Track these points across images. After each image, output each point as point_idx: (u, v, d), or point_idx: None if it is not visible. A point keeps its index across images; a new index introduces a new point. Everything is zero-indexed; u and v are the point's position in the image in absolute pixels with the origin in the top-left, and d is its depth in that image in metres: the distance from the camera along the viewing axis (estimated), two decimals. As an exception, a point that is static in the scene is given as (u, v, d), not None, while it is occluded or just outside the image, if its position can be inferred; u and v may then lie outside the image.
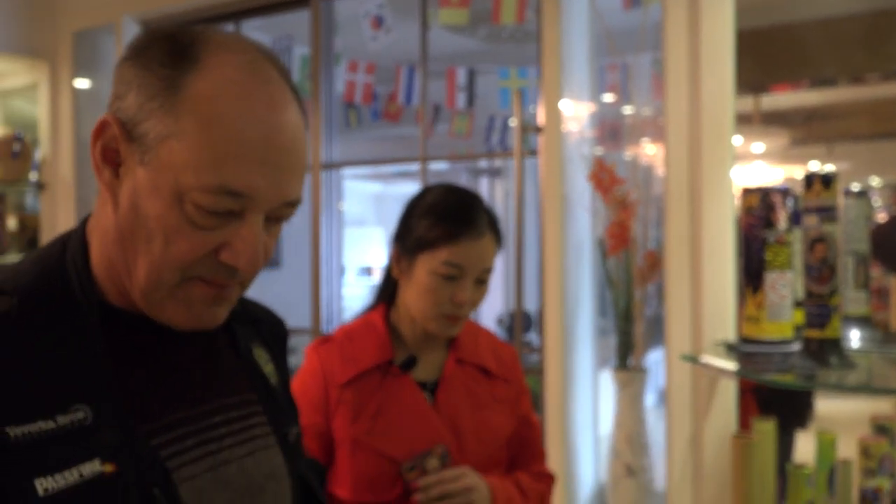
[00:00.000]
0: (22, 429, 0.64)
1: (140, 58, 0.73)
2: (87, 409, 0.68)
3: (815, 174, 1.54)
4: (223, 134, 0.69)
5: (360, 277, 8.95)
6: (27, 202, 3.85)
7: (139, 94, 0.71)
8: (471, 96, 3.37)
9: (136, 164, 0.71)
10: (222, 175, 0.69)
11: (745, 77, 2.41)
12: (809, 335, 1.54)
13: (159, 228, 0.70)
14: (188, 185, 0.69)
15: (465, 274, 1.36)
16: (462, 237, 1.35)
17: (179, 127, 0.69)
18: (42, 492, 0.63)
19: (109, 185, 0.73)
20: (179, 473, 0.74)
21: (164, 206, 0.70)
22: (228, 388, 0.84)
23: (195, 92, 0.70)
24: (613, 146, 2.66)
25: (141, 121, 0.71)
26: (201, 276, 0.73)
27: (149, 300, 0.74)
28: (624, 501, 2.40)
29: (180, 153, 0.69)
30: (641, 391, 2.44)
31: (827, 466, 1.79)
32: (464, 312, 1.39)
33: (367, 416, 1.36)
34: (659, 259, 2.39)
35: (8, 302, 0.70)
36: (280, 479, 0.85)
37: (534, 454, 1.54)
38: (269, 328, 0.97)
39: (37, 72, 3.57)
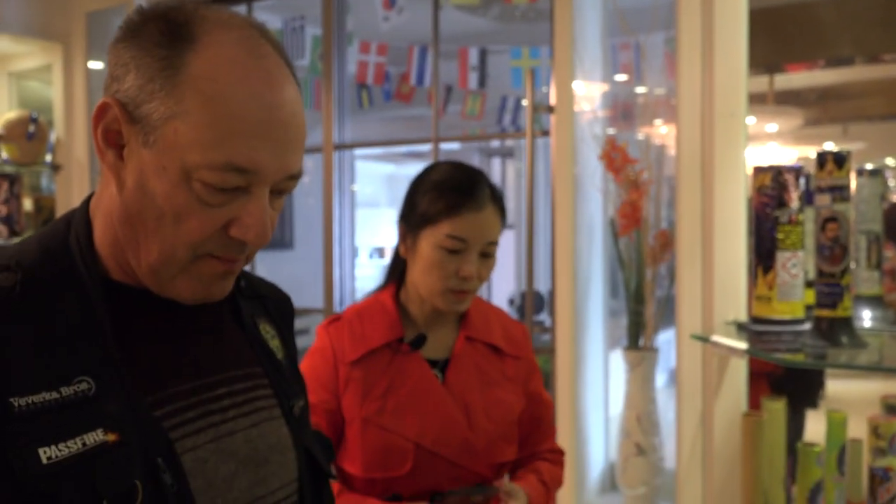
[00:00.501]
0: (26, 399, 0.65)
1: (135, 38, 0.73)
2: (91, 381, 0.69)
3: (828, 153, 1.54)
4: (226, 112, 0.70)
5: (372, 258, 8.98)
6: (43, 183, 3.88)
7: (138, 75, 0.71)
8: (483, 76, 3.36)
9: (140, 146, 0.72)
10: (228, 152, 0.70)
11: (760, 56, 2.39)
12: (820, 315, 1.54)
13: (169, 207, 0.71)
14: (195, 163, 0.70)
15: (468, 247, 1.36)
16: (463, 209, 1.35)
17: (182, 108, 0.70)
18: (45, 460, 0.64)
19: (113, 167, 0.74)
20: (182, 444, 0.75)
21: (171, 185, 0.71)
22: (233, 361, 0.85)
23: (195, 72, 0.70)
24: (626, 126, 2.65)
25: (142, 102, 0.71)
26: (212, 252, 0.74)
27: (159, 277, 0.75)
28: (634, 480, 2.42)
29: (185, 133, 0.70)
30: (652, 371, 2.45)
31: (837, 446, 1.79)
32: (471, 287, 1.38)
33: (376, 393, 1.37)
34: (670, 239, 2.39)
35: (13, 278, 0.71)
36: (285, 451, 0.86)
37: (546, 432, 1.55)
38: (275, 304, 0.98)
39: (51, 53, 3.59)
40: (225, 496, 0.77)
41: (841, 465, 1.79)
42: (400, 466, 1.34)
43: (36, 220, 3.64)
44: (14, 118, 3.43)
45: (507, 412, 1.43)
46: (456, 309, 1.41)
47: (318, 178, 3.39)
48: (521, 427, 1.49)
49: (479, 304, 1.51)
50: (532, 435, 1.52)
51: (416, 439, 1.34)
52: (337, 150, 3.28)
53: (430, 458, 1.34)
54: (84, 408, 0.68)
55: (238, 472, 0.79)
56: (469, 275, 1.36)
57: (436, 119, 3.06)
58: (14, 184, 3.38)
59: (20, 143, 3.40)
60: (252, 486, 0.81)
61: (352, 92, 3.51)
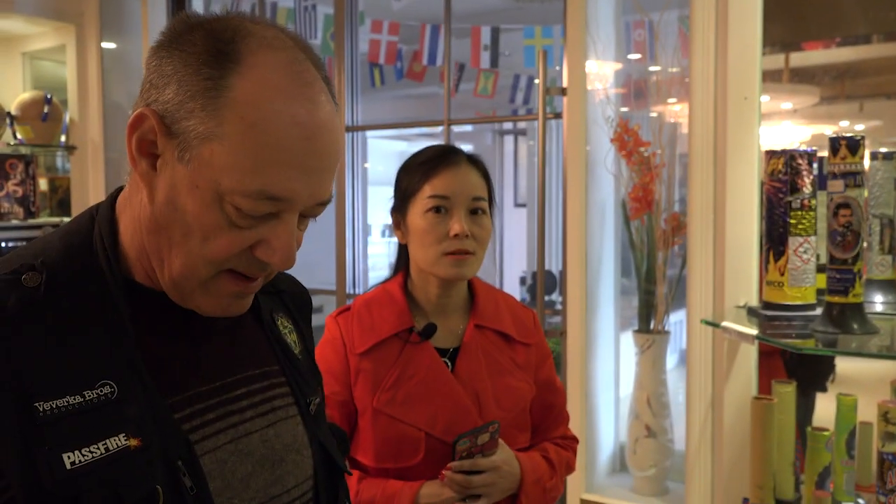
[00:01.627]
0: (51, 403, 0.66)
1: (179, 51, 0.72)
2: (114, 384, 0.70)
3: (841, 139, 1.52)
4: (265, 140, 0.70)
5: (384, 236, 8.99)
6: (58, 163, 3.91)
7: (179, 90, 0.71)
8: (495, 55, 3.34)
9: (175, 161, 0.72)
10: (263, 181, 0.70)
11: (776, 35, 2.36)
12: (831, 301, 1.53)
13: (197, 225, 0.72)
14: (229, 188, 0.70)
15: (452, 203, 1.37)
16: (440, 168, 1.38)
17: (222, 130, 0.70)
18: (69, 465, 0.65)
19: (145, 176, 0.74)
20: (202, 446, 0.76)
21: (203, 204, 0.71)
22: (251, 361, 0.86)
23: (238, 96, 0.70)
24: (639, 105, 2.63)
25: (182, 118, 0.71)
26: (234, 269, 0.75)
27: (180, 289, 0.75)
28: (644, 461, 2.43)
29: (222, 156, 0.70)
30: (663, 353, 2.45)
31: (847, 430, 1.79)
32: (466, 246, 1.37)
33: (387, 384, 1.38)
34: (682, 222, 2.38)
35: (37, 278, 0.71)
36: (301, 450, 0.87)
37: (558, 418, 1.54)
38: (293, 297, 0.99)
39: (64, 34, 3.59)
40: (241, 496, 0.79)
41: (850, 449, 1.79)
42: (412, 456, 1.35)
43: (51, 200, 3.67)
44: (28, 99, 3.44)
45: (517, 400, 1.44)
46: (458, 273, 1.39)
47: (330, 158, 3.40)
48: (533, 414, 1.49)
49: (487, 291, 1.51)
50: (544, 422, 1.52)
51: (426, 429, 1.35)
52: (349, 132, 3.28)
53: (442, 447, 1.34)
54: (106, 412, 0.69)
55: (255, 472, 0.81)
56: (459, 231, 1.36)
57: (447, 98, 3.04)
58: (29, 165, 3.41)
59: (35, 124, 3.42)
60: (268, 486, 0.82)
61: (364, 71, 3.50)
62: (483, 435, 1.32)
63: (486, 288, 1.52)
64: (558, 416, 1.55)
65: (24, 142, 3.43)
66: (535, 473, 1.41)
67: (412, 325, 1.42)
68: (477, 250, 1.40)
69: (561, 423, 1.56)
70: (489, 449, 1.34)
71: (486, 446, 1.33)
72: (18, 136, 3.42)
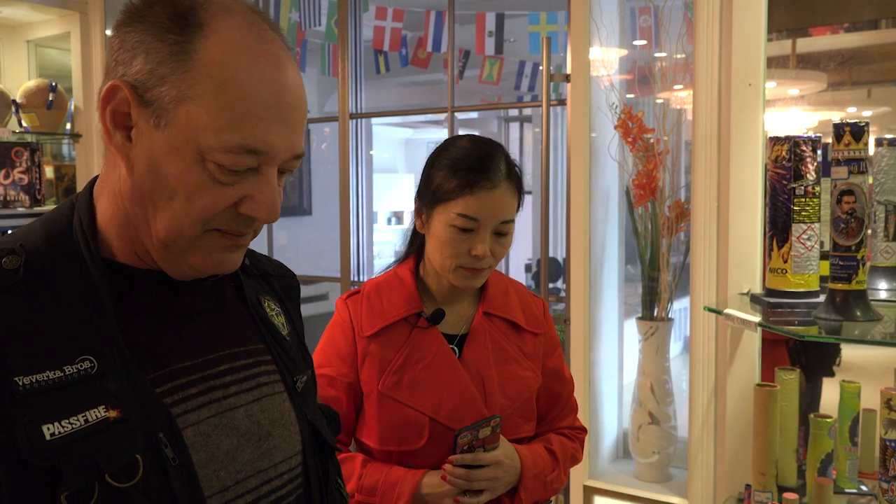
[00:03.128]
0: (30, 378, 0.67)
1: (141, 23, 0.74)
2: (94, 359, 0.71)
3: (845, 125, 1.51)
4: (238, 96, 0.73)
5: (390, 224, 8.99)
6: (63, 151, 3.91)
7: (148, 59, 0.73)
8: (500, 42, 3.32)
9: (152, 128, 0.74)
10: (241, 135, 0.73)
11: (783, 20, 2.34)
12: (835, 288, 1.53)
13: (181, 187, 0.74)
14: (209, 145, 0.73)
15: (480, 226, 1.35)
16: (476, 188, 1.33)
17: (195, 91, 0.72)
18: (48, 436, 0.66)
19: (121, 148, 0.76)
20: (184, 419, 0.77)
21: (185, 166, 0.74)
22: (235, 339, 0.87)
23: (206, 56, 0.73)
24: (644, 92, 2.62)
25: (153, 86, 0.73)
26: (219, 227, 0.77)
27: (170, 252, 0.77)
28: (647, 448, 2.44)
29: (199, 116, 0.72)
30: (666, 340, 2.45)
31: (850, 417, 1.80)
32: (483, 265, 1.37)
33: (393, 367, 1.38)
34: (685, 209, 2.37)
35: (17, 261, 0.73)
36: (287, 425, 0.88)
37: (565, 409, 1.54)
38: (280, 281, 1.00)
39: (68, 21, 3.59)
40: (227, 469, 0.80)
41: (853, 436, 1.79)
42: (415, 440, 1.35)
43: (57, 188, 3.68)
44: (33, 87, 3.44)
45: (523, 388, 1.44)
46: (468, 286, 1.41)
47: (334, 145, 3.40)
48: (540, 403, 1.49)
49: (498, 279, 1.51)
50: (551, 411, 1.52)
51: (431, 413, 1.35)
52: (353, 119, 3.27)
53: (445, 432, 1.35)
54: (86, 385, 0.70)
55: (240, 445, 0.82)
56: (481, 253, 1.35)
57: (451, 86, 3.04)
58: (35, 152, 3.42)
59: (40, 112, 3.42)
60: (254, 460, 0.83)
61: (368, 58, 3.49)
62: (484, 428, 1.32)
63: (497, 276, 1.52)
64: (565, 406, 1.55)
65: (30, 129, 3.43)
66: (535, 467, 1.41)
67: (421, 310, 1.42)
68: (492, 264, 1.40)
69: (569, 414, 1.55)
70: (490, 443, 1.34)
71: (487, 440, 1.33)
72: (24, 123, 3.42)
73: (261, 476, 0.83)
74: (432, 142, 9.83)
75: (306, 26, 3.56)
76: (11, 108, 3.40)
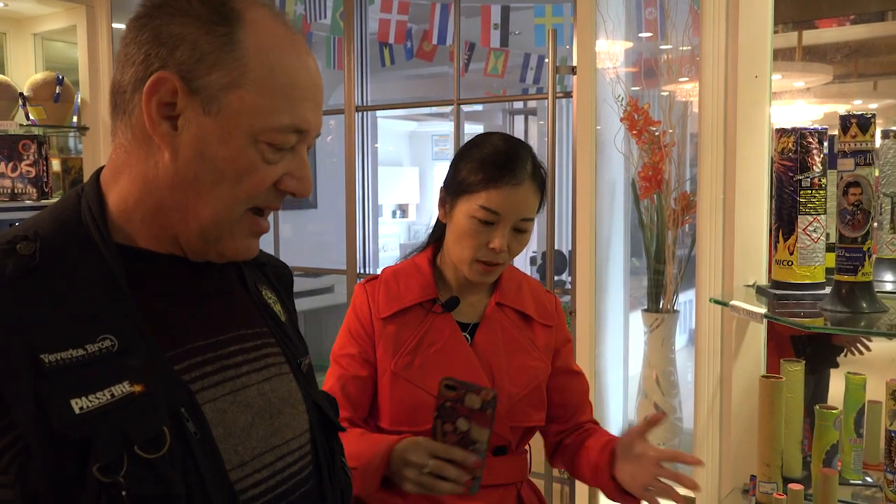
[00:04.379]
0: (55, 355, 0.69)
1: (180, 16, 0.77)
2: (114, 338, 0.73)
3: (852, 117, 1.51)
4: (286, 80, 0.79)
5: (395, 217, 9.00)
6: (70, 144, 3.93)
7: (194, 50, 0.77)
8: (505, 34, 3.32)
9: (200, 115, 0.77)
10: (292, 116, 0.80)
11: (789, 12, 2.34)
12: (840, 279, 1.53)
13: (231, 169, 0.79)
14: (263, 126, 0.78)
15: (501, 220, 1.37)
16: (500, 183, 1.36)
17: (246, 78, 0.77)
18: (78, 410, 0.68)
19: (166, 137, 0.78)
20: (202, 395, 0.79)
21: (237, 148, 0.78)
22: (242, 321, 0.90)
23: (251, 45, 0.78)
24: (650, 84, 2.62)
25: (202, 75, 0.77)
26: (261, 205, 0.83)
27: (206, 238, 0.81)
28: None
29: (252, 100, 0.78)
30: (672, 332, 2.46)
31: (855, 408, 1.80)
32: (499, 259, 1.40)
33: (406, 350, 1.42)
34: (691, 202, 2.38)
35: (32, 246, 0.75)
36: (296, 404, 0.91)
37: (581, 404, 1.57)
38: (275, 271, 1.03)
39: (75, 14, 3.60)
40: (244, 444, 0.82)
41: (859, 428, 1.80)
42: (425, 421, 1.36)
43: (64, 180, 3.70)
44: (40, 80, 3.45)
45: (531, 378, 1.46)
46: (482, 280, 1.44)
47: (340, 138, 3.40)
48: (552, 396, 1.52)
49: (512, 273, 1.54)
50: (569, 407, 1.55)
51: None
52: (358, 111, 3.28)
53: None
54: (109, 362, 0.72)
55: (255, 422, 0.84)
56: (498, 248, 1.38)
57: (457, 78, 3.04)
58: (42, 145, 3.43)
59: (47, 105, 3.43)
60: (268, 436, 0.85)
61: (373, 51, 3.49)
62: (473, 395, 1.20)
63: (511, 269, 1.55)
64: (583, 400, 1.57)
65: (37, 122, 3.45)
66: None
67: (436, 296, 1.46)
68: (507, 260, 1.43)
69: (589, 408, 1.59)
70: (478, 422, 1.21)
71: (474, 416, 1.21)
72: (31, 116, 3.43)
73: (275, 452, 0.86)
74: (437, 134, 9.82)
75: (312, 19, 3.57)
76: (18, 101, 3.41)
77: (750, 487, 1.84)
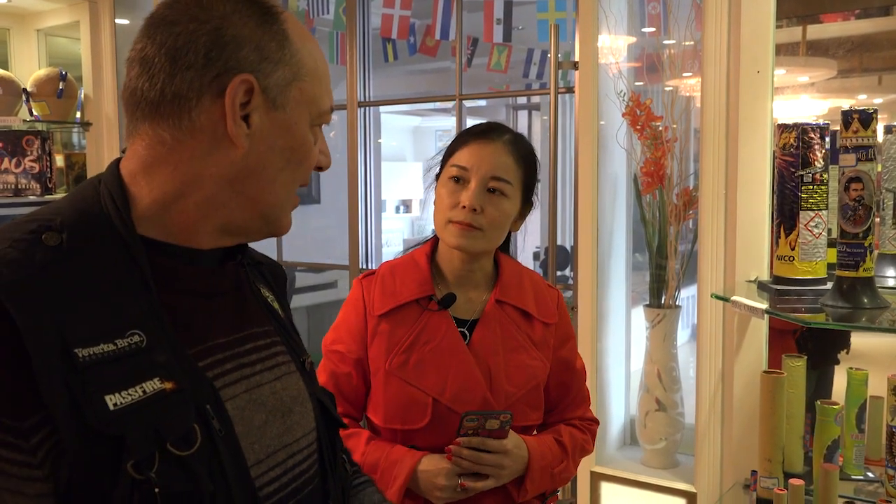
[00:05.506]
0: (88, 350, 0.69)
1: (237, 17, 0.80)
2: (142, 333, 0.73)
3: (854, 112, 1.51)
4: (322, 68, 0.87)
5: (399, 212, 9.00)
6: (74, 139, 3.93)
7: (259, 50, 0.80)
8: (508, 29, 3.31)
9: (270, 110, 0.82)
10: (329, 98, 0.89)
11: (793, 6, 2.33)
12: (842, 275, 1.53)
13: (296, 155, 0.85)
14: (317, 112, 0.86)
15: (470, 175, 1.39)
16: (470, 141, 1.42)
17: (301, 71, 0.84)
18: (112, 406, 0.68)
19: (241, 135, 0.80)
20: (224, 392, 0.80)
21: (302, 136, 0.85)
22: (254, 320, 0.91)
23: (296, 38, 0.84)
24: (653, 80, 2.61)
25: (269, 73, 0.81)
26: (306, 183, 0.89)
27: (268, 219, 0.86)
28: (654, 435, 2.45)
29: (308, 90, 0.85)
30: (674, 327, 2.46)
31: (857, 403, 1.80)
32: (473, 220, 1.38)
33: (401, 347, 1.40)
34: (693, 197, 2.37)
35: (56, 237, 0.74)
36: (304, 402, 0.92)
37: (576, 399, 1.56)
38: (270, 269, 1.04)
39: (78, 10, 3.60)
40: (260, 442, 0.83)
41: (860, 423, 1.80)
42: (419, 420, 1.38)
43: (68, 176, 3.70)
44: (43, 76, 3.46)
45: (529, 377, 1.45)
46: (459, 244, 1.40)
47: (343, 133, 3.40)
48: (550, 393, 1.51)
49: (513, 268, 1.52)
50: (561, 401, 1.53)
51: (435, 394, 1.37)
52: (361, 107, 3.28)
53: (449, 414, 1.37)
54: (138, 358, 0.72)
55: (269, 420, 0.85)
56: (467, 203, 1.37)
57: (460, 73, 3.04)
58: (45, 141, 3.44)
59: (50, 100, 3.44)
60: (281, 434, 0.86)
61: (376, 46, 3.49)
62: (493, 420, 1.33)
63: (513, 265, 1.53)
64: (577, 397, 1.56)
65: (41, 118, 3.45)
66: (543, 459, 1.42)
67: (433, 292, 1.44)
68: (486, 228, 1.39)
69: (580, 404, 1.56)
70: (498, 437, 1.35)
71: (494, 434, 1.34)
72: (34, 112, 3.44)
73: (286, 450, 0.86)
74: (440, 130, 9.82)
75: (314, 14, 3.56)
76: (22, 97, 3.42)
77: (751, 482, 1.84)
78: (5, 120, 3.36)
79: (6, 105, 3.39)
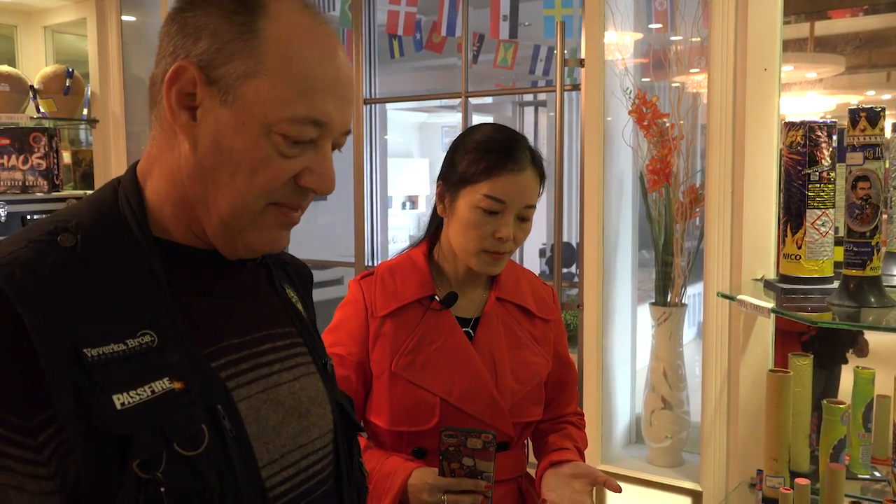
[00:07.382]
0: (97, 350, 0.69)
1: (204, 7, 0.78)
2: (153, 334, 0.73)
3: (861, 110, 1.50)
4: (303, 70, 0.77)
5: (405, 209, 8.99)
6: (81, 136, 3.95)
7: (214, 40, 0.76)
8: (514, 26, 3.30)
9: (217, 105, 0.77)
10: (307, 107, 0.78)
11: (801, 2, 2.32)
12: (848, 274, 1.53)
13: (246, 161, 0.77)
14: (277, 117, 0.77)
15: (506, 209, 1.36)
16: (503, 171, 1.35)
17: (263, 67, 0.76)
18: (119, 406, 0.68)
19: (186, 127, 0.78)
20: (237, 393, 0.80)
21: (251, 139, 0.77)
22: (272, 320, 0.90)
23: (270, 35, 0.77)
24: (659, 76, 2.60)
25: (220, 65, 0.76)
26: (279, 200, 0.80)
27: (229, 230, 0.80)
28: (659, 433, 2.45)
29: (267, 90, 0.76)
30: (679, 325, 2.45)
31: (864, 403, 1.79)
32: (505, 249, 1.38)
33: (406, 348, 1.40)
34: (700, 195, 2.36)
35: (72, 239, 0.75)
36: (323, 403, 0.92)
37: (571, 395, 1.58)
38: (295, 269, 1.03)
39: (84, 7, 3.61)
40: (275, 442, 0.83)
41: (867, 422, 1.79)
42: (426, 421, 1.37)
43: (75, 173, 3.72)
44: (50, 73, 3.47)
45: (533, 374, 1.45)
46: (489, 271, 1.42)
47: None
48: (547, 388, 1.51)
49: (510, 266, 1.52)
50: (558, 398, 1.54)
51: (442, 394, 1.37)
52: (367, 104, 3.28)
53: (456, 413, 1.36)
54: (149, 358, 0.72)
55: (285, 420, 0.85)
56: (505, 236, 1.36)
57: (466, 70, 3.03)
58: (52, 138, 3.45)
59: (57, 97, 3.45)
60: (296, 435, 0.86)
61: (382, 42, 3.48)
62: (474, 439, 1.28)
63: (509, 263, 1.52)
64: (571, 393, 1.58)
65: (47, 115, 3.46)
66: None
67: (434, 292, 1.44)
68: (513, 249, 1.41)
69: (574, 400, 1.59)
70: (482, 458, 1.28)
71: (477, 454, 1.28)
72: (41, 109, 3.45)
73: (301, 451, 0.86)
74: (447, 126, 9.81)
75: (321, 11, 3.56)
76: (29, 94, 3.43)
77: (757, 481, 1.84)
78: (12, 117, 3.37)
79: (13, 102, 3.41)
